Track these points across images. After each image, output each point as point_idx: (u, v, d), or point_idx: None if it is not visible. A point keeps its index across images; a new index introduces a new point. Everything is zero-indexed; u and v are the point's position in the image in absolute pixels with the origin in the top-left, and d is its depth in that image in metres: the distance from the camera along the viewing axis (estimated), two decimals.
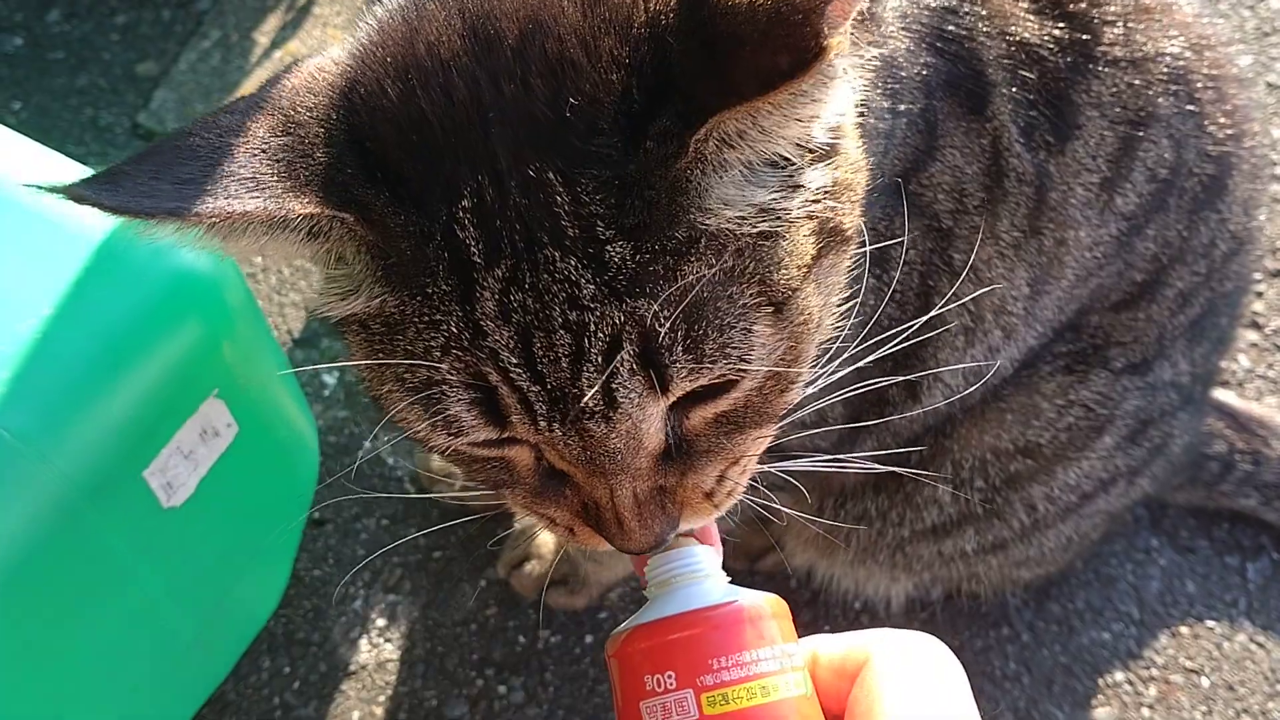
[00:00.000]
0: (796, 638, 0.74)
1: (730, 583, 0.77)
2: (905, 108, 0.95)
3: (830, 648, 0.73)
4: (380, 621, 1.52)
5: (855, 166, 0.78)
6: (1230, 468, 1.49)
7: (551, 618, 1.52)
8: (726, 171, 0.70)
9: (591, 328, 0.68)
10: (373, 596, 1.54)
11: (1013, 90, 1.01)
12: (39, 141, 1.18)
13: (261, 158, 0.70)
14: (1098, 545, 1.50)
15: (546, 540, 1.48)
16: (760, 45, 0.62)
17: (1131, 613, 1.52)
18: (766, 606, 0.74)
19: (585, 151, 0.67)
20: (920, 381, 1.10)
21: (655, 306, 0.68)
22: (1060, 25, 1.01)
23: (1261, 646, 1.49)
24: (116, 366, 1.06)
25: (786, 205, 0.72)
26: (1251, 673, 1.48)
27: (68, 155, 1.17)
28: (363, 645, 1.51)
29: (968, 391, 1.14)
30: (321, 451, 1.59)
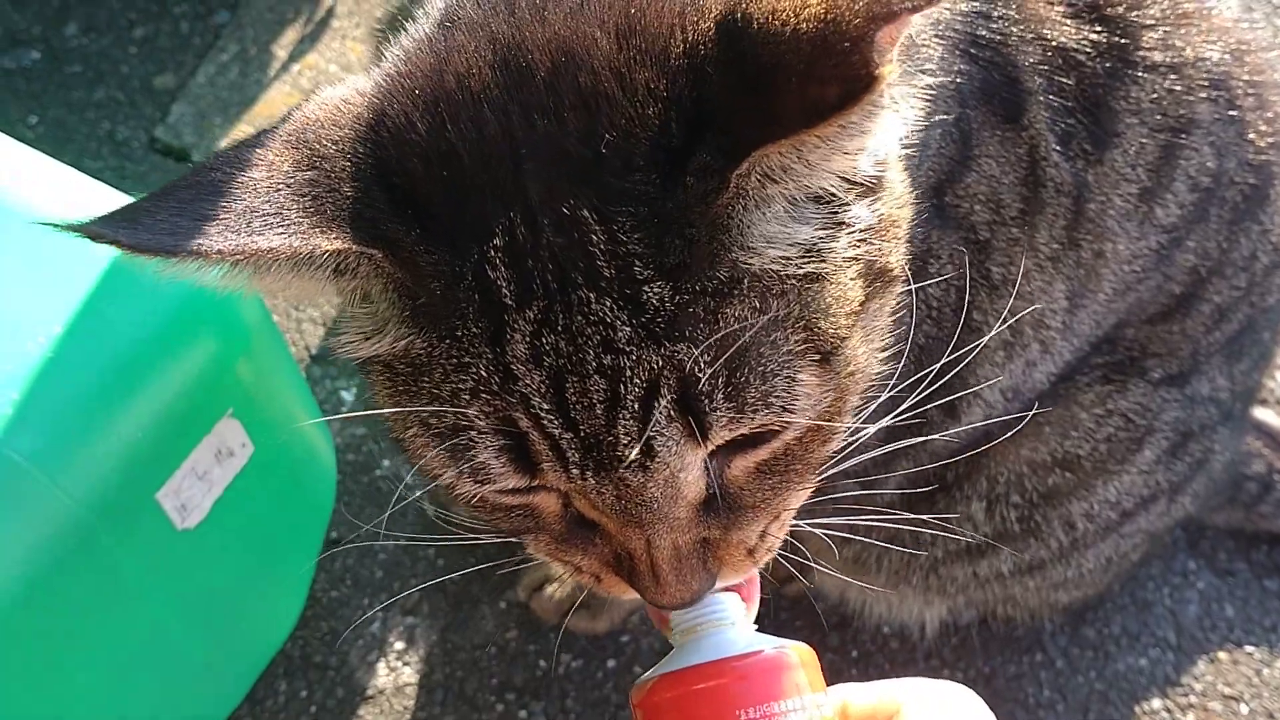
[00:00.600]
0: (825, 687, 0.73)
1: (757, 630, 0.76)
2: (939, 117, 0.92)
3: (860, 698, 0.71)
4: (398, 644, 1.49)
5: (900, 201, 0.75)
6: (1270, 488, 1.46)
7: (573, 642, 1.49)
8: (769, 207, 0.67)
9: (628, 373, 0.65)
10: (391, 619, 1.51)
11: (1049, 97, 0.98)
12: (55, 155, 1.17)
13: (286, 192, 0.67)
14: (1137, 568, 1.46)
15: None
16: (806, 75, 0.60)
17: (1169, 638, 1.48)
18: (794, 655, 0.72)
19: (622, 188, 0.65)
20: (959, 400, 1.07)
21: (695, 351, 0.65)
22: (1098, 29, 0.98)
23: None
24: (128, 386, 1.04)
25: (832, 245, 0.69)
26: None
27: (84, 169, 1.15)
28: (380, 669, 1.48)
29: (1005, 407, 1.11)
30: (339, 469, 1.57)
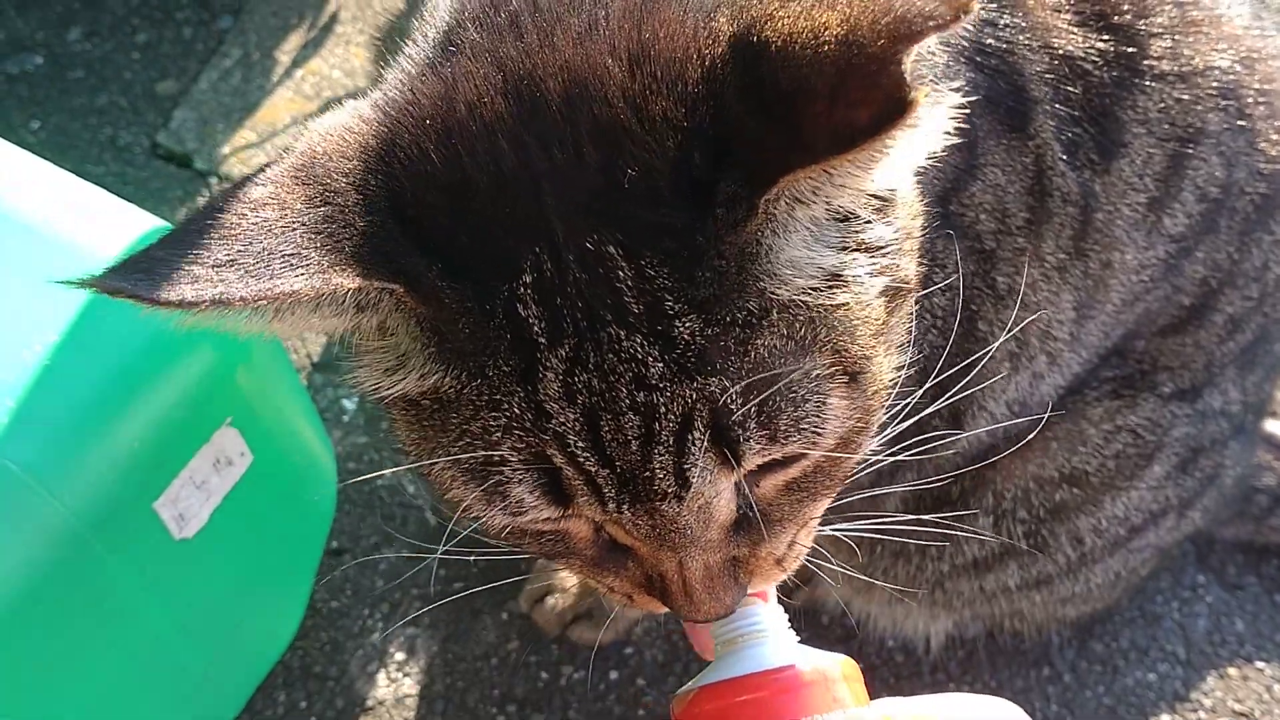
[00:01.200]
0: (868, 700, 0.72)
1: (799, 642, 0.75)
2: None
3: (903, 712, 0.70)
4: (399, 655, 1.48)
5: (913, 211, 0.75)
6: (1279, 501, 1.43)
7: (575, 653, 1.47)
8: (795, 233, 0.67)
9: (661, 409, 0.65)
10: (391, 629, 1.50)
11: (1055, 106, 0.97)
12: (56, 161, 1.16)
13: (301, 231, 0.65)
14: (1145, 581, 1.44)
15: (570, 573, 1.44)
16: (834, 99, 0.59)
17: (1178, 652, 1.46)
18: (836, 669, 0.72)
19: (647, 222, 0.64)
20: (965, 411, 1.06)
21: (727, 383, 0.65)
22: (1105, 38, 0.97)
23: None
24: (126, 394, 1.03)
25: (856, 267, 0.69)
26: None
27: (85, 175, 1.14)
28: (381, 680, 1.46)
29: (1012, 421, 1.10)
30: (340, 478, 1.56)
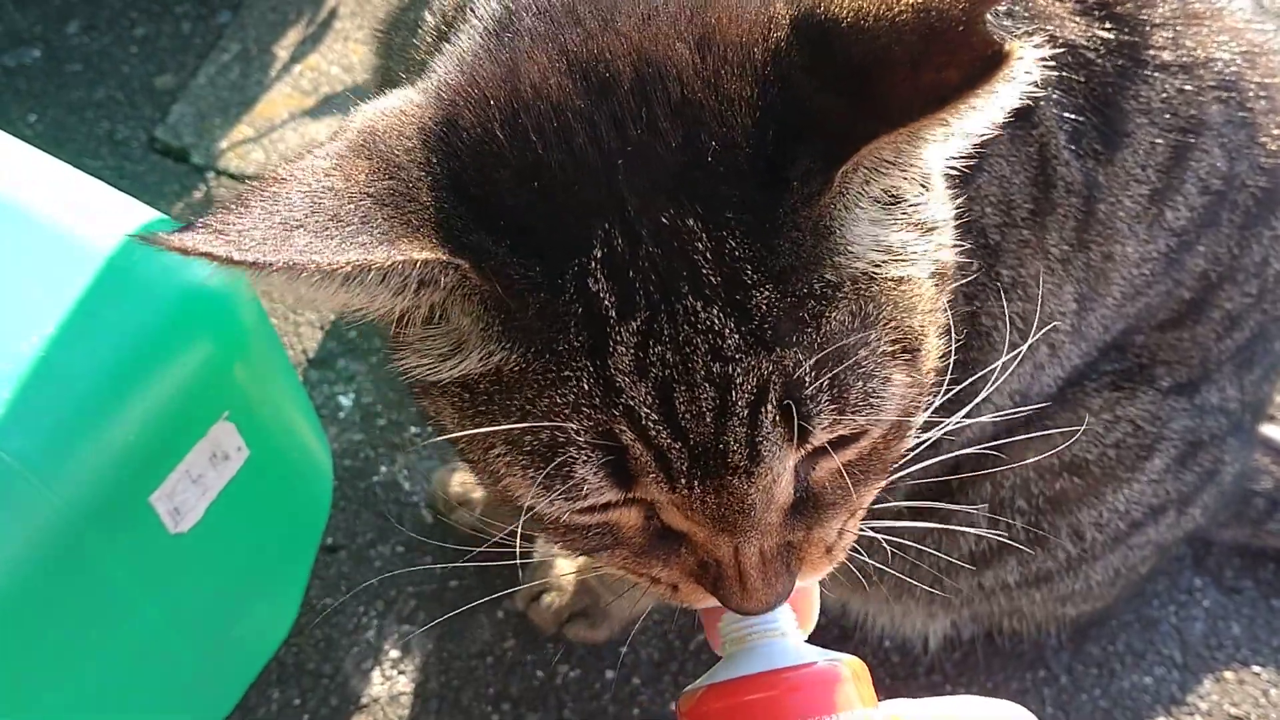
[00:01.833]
0: (877, 702, 0.71)
1: (808, 642, 0.75)
2: None
3: (914, 714, 0.70)
4: (394, 653, 1.47)
5: (946, 198, 0.76)
6: (1278, 505, 1.44)
7: (571, 652, 1.47)
8: (863, 210, 0.68)
9: (738, 380, 0.65)
10: (386, 627, 1.49)
11: (1059, 94, 0.97)
12: (53, 154, 1.15)
13: (369, 202, 0.65)
14: (1144, 581, 1.44)
15: (566, 570, 1.43)
16: (917, 65, 0.61)
17: (1174, 656, 1.46)
18: (846, 669, 0.71)
19: (727, 195, 0.65)
20: (969, 402, 1.06)
21: (800, 356, 0.65)
22: (1108, 26, 0.97)
23: None
24: (122, 387, 1.02)
25: (915, 245, 0.71)
26: None
27: (82, 169, 1.14)
28: (375, 677, 1.46)
29: (1013, 410, 1.09)
30: (336, 475, 1.56)
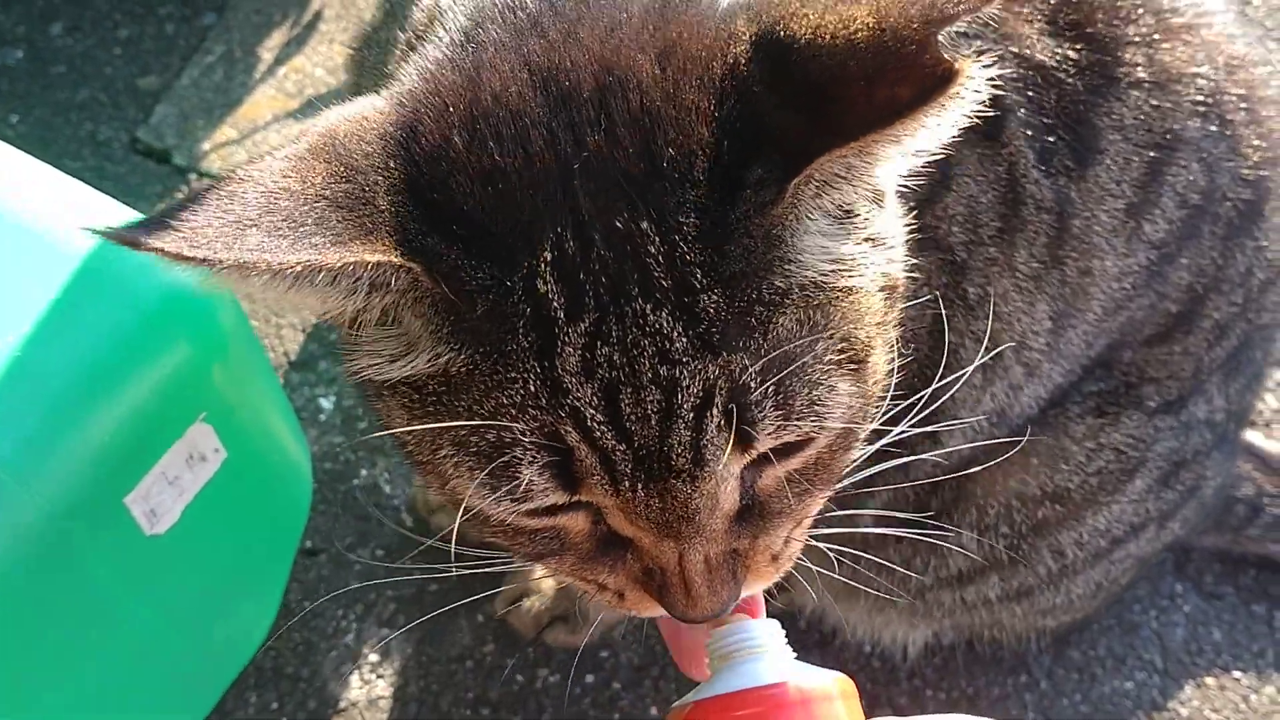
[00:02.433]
0: (864, 717, 0.72)
1: (795, 659, 0.75)
2: None
3: None
4: (373, 657, 1.47)
5: (898, 214, 0.77)
6: (1259, 511, 1.44)
7: (551, 656, 1.47)
8: (814, 221, 0.69)
9: (684, 383, 0.66)
10: (365, 630, 1.48)
11: (1028, 114, 0.97)
12: (35, 155, 1.15)
13: (324, 204, 0.66)
14: (1125, 591, 1.44)
15: (546, 574, 1.43)
16: (872, 82, 0.62)
17: (1155, 661, 1.46)
18: (833, 686, 0.72)
19: (681, 201, 0.66)
20: (936, 421, 1.06)
21: (747, 361, 0.66)
22: (1079, 46, 0.98)
23: None
24: (99, 388, 1.01)
25: (863, 257, 0.72)
26: None
27: (64, 170, 1.13)
28: (354, 681, 1.45)
29: (991, 433, 1.10)
30: (316, 478, 1.55)
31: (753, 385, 0.66)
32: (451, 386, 0.69)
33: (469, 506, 0.72)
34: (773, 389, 0.67)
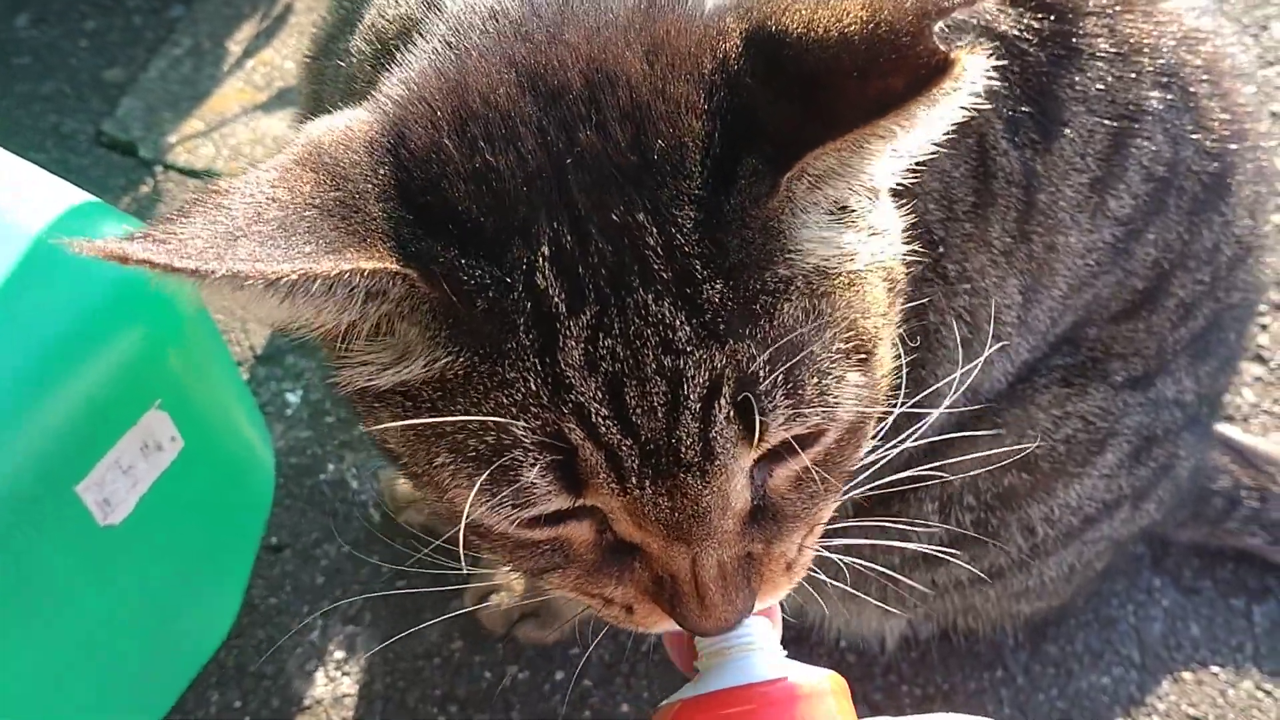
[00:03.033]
0: (855, 715, 0.71)
1: (787, 657, 0.74)
2: None
3: None
4: (338, 654, 1.44)
5: (892, 207, 0.77)
6: (1236, 504, 1.43)
7: (520, 653, 1.44)
8: (812, 213, 0.69)
9: (690, 373, 0.65)
10: (331, 627, 1.46)
11: (995, 84, 0.96)
12: None
13: (315, 213, 0.64)
14: (1101, 579, 1.43)
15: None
16: (865, 74, 0.62)
17: (1132, 656, 1.45)
18: (826, 684, 0.71)
19: (676, 193, 0.66)
20: (921, 400, 1.05)
21: (754, 350, 0.66)
22: (1039, 17, 0.98)
23: (1269, 694, 1.42)
24: (50, 372, 0.99)
25: (865, 248, 0.72)
26: None
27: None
28: (319, 679, 1.43)
29: (964, 407, 1.09)
30: (282, 473, 1.53)
31: (761, 374, 0.65)
32: (447, 391, 0.68)
33: (469, 518, 0.70)
34: (782, 378, 0.66)
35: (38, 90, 1.97)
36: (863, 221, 0.72)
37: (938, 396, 1.05)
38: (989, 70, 0.63)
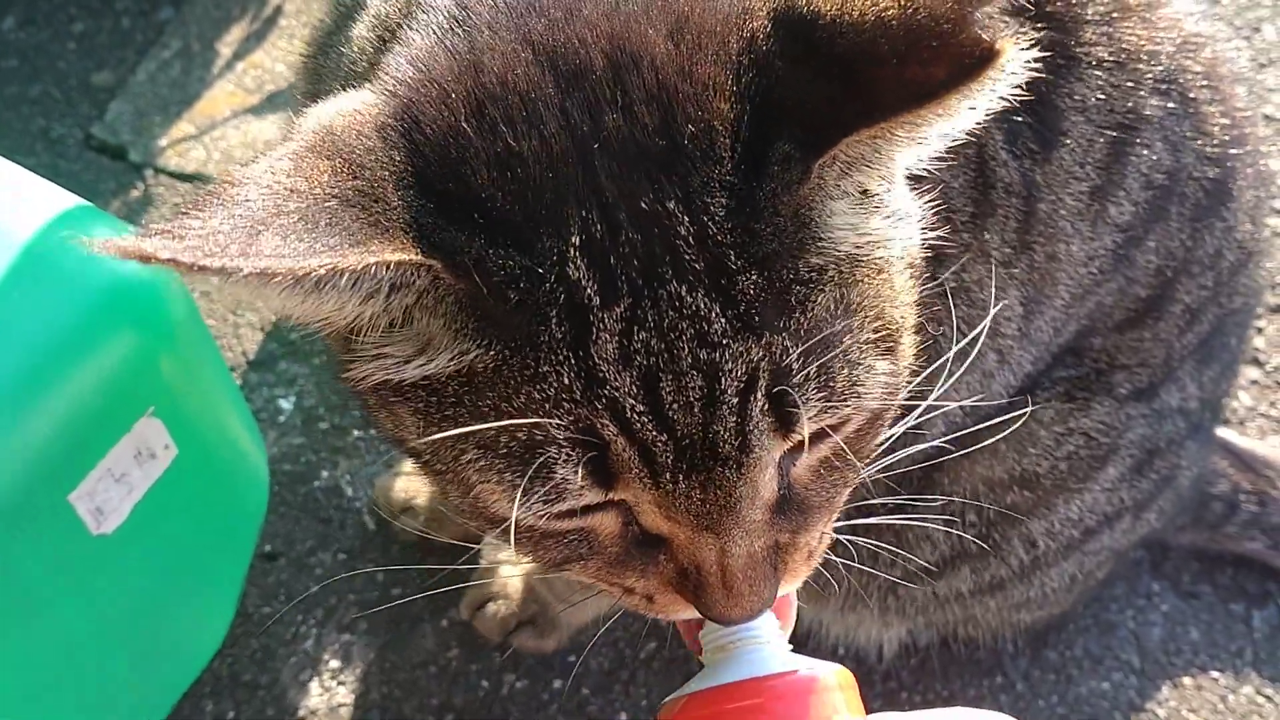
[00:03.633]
0: (863, 711, 0.70)
1: (792, 651, 0.74)
2: None
3: None
4: (334, 663, 1.43)
5: (910, 191, 0.75)
6: (1235, 508, 1.43)
7: (518, 661, 1.43)
8: (843, 200, 0.68)
9: (727, 366, 0.64)
10: (326, 636, 1.45)
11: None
12: None
13: (335, 203, 0.62)
14: (1101, 586, 1.43)
15: (513, 577, 1.39)
16: (903, 61, 0.61)
17: (1132, 661, 1.44)
18: (832, 677, 0.70)
19: (706, 179, 0.64)
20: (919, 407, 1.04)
21: (788, 343, 0.65)
22: (1038, 26, 0.96)
23: (1270, 699, 1.41)
24: (41, 379, 0.98)
25: (892, 236, 0.71)
26: None
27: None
28: (314, 688, 1.41)
29: (962, 422, 1.07)
30: (276, 480, 1.51)
31: (795, 366, 0.65)
32: (475, 386, 0.66)
33: (495, 513, 0.69)
34: (815, 370, 0.65)
35: (26, 93, 1.96)
36: (886, 207, 0.71)
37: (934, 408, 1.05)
38: (1031, 61, 0.61)
